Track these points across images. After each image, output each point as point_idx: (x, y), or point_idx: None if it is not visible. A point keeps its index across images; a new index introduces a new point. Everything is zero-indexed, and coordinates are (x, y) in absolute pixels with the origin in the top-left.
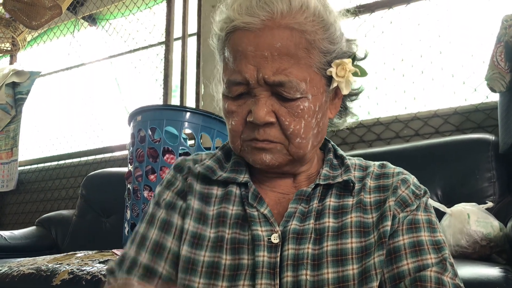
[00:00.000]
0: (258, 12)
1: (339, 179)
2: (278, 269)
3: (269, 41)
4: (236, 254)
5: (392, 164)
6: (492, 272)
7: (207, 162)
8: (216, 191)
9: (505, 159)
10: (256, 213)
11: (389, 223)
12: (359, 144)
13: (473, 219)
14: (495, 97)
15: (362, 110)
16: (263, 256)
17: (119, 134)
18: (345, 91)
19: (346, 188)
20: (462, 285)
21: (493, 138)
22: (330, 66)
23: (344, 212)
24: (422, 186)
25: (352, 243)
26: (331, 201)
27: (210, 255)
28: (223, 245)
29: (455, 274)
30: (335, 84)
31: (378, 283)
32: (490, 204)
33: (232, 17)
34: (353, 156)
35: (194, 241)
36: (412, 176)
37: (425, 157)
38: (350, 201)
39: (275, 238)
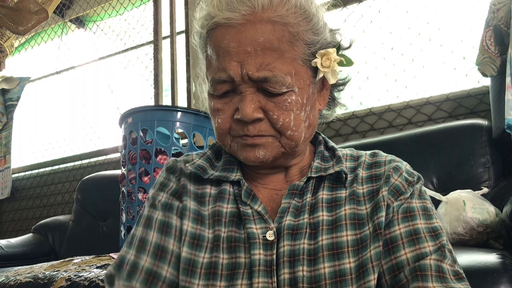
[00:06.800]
0: (238, 7)
1: (331, 171)
2: (274, 267)
3: (251, 36)
4: (233, 253)
5: (386, 153)
6: (489, 258)
7: (197, 161)
8: (210, 190)
9: (498, 143)
10: (250, 210)
11: (383, 213)
12: (352, 135)
13: (469, 206)
14: (486, 82)
15: (354, 101)
16: (259, 254)
17: (112, 136)
18: (332, 81)
19: (338, 179)
20: (461, 271)
21: (486, 123)
22: (315, 57)
23: (337, 205)
24: (415, 173)
25: (347, 235)
26: (324, 194)
27: (208, 256)
28: (220, 244)
29: (454, 261)
30: (321, 75)
31: (376, 276)
32: (485, 190)
33: (212, 14)
34: (347, 147)
35: (193, 242)
36: (405, 163)
37: (419, 145)
38: (343, 193)
39: (270, 235)
